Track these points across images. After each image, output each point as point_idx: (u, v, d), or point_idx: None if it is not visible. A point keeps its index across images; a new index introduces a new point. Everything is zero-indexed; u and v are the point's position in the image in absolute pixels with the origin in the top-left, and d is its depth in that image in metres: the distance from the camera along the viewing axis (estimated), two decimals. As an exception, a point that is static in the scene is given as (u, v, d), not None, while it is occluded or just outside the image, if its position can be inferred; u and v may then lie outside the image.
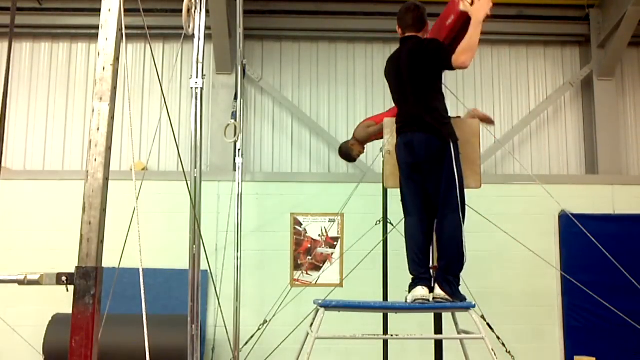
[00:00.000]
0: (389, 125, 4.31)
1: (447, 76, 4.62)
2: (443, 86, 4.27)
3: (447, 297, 3.72)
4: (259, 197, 7.00)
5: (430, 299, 3.79)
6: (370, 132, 5.25)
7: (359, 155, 5.44)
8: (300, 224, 7.00)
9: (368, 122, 5.39)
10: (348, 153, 5.47)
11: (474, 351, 4.38)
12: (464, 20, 3.92)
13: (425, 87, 3.90)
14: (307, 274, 6.92)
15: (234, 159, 6.58)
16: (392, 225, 5.07)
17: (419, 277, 3.84)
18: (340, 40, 7.73)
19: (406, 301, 3.84)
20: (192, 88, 3.82)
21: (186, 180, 3.67)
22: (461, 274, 3.85)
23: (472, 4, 3.76)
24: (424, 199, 3.92)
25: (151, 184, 5.93)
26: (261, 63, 7.66)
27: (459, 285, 3.80)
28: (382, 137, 4.71)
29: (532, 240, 5.31)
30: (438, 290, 3.75)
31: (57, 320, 6.04)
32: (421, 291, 3.75)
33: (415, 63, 3.90)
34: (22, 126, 7.37)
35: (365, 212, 6.07)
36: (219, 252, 6.42)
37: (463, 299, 3.78)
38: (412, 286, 3.85)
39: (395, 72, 4.06)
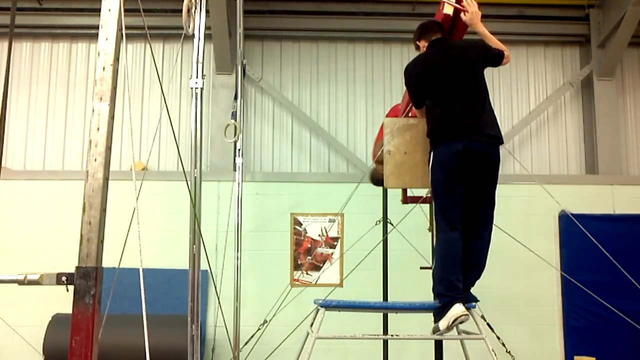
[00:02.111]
0: (389, 125, 4.31)
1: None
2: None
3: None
4: (259, 197, 7.00)
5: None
6: None
7: None
8: (300, 224, 7.00)
9: (380, 142, 5.40)
10: (379, 178, 5.47)
11: (474, 351, 4.38)
12: (449, 24, 3.96)
13: (481, 89, 3.71)
14: (307, 274, 6.92)
15: (234, 159, 6.58)
16: (392, 225, 5.07)
17: (457, 296, 3.49)
18: (340, 40, 7.73)
19: (440, 329, 3.50)
20: (192, 88, 3.82)
21: (186, 180, 3.67)
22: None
23: (461, 11, 3.81)
24: (464, 212, 3.65)
25: (151, 184, 5.93)
26: (261, 63, 7.66)
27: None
28: None
29: (532, 240, 5.30)
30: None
31: (57, 321, 6.04)
32: (461, 307, 3.45)
33: (470, 63, 3.70)
34: (22, 126, 7.37)
35: (365, 212, 6.06)
36: (219, 252, 6.42)
37: (476, 300, 3.72)
38: (447, 306, 3.49)
39: (439, 72, 3.72)
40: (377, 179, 5.48)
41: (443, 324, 3.48)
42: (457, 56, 3.73)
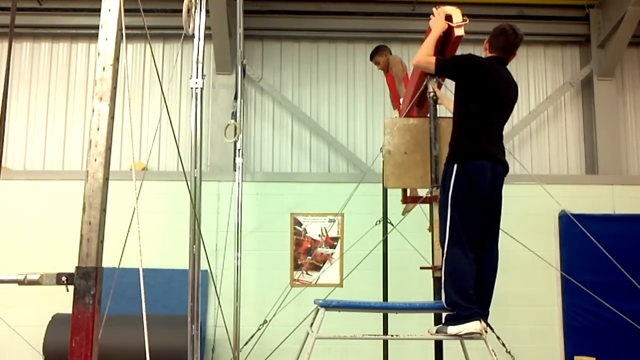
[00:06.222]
0: (389, 126, 4.31)
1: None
2: (443, 85, 4.28)
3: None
4: (259, 197, 7.00)
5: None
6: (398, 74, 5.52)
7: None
8: (300, 224, 7.00)
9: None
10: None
11: (474, 351, 4.38)
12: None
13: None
14: (307, 274, 6.92)
15: (234, 159, 6.58)
16: (392, 225, 5.07)
17: (477, 311, 3.48)
18: (340, 40, 7.73)
19: (446, 332, 3.49)
20: (192, 88, 3.82)
21: (186, 180, 3.66)
22: None
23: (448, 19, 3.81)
24: (482, 231, 3.65)
25: (151, 184, 5.93)
26: (261, 63, 7.66)
27: None
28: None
29: (532, 240, 5.30)
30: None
31: (57, 320, 6.04)
32: (480, 325, 3.41)
33: (514, 101, 3.79)
34: (22, 126, 7.37)
35: (365, 212, 6.07)
36: (219, 252, 6.42)
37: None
38: (465, 318, 3.43)
39: (502, 90, 3.69)
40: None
41: (453, 330, 3.43)
42: (512, 89, 3.76)
